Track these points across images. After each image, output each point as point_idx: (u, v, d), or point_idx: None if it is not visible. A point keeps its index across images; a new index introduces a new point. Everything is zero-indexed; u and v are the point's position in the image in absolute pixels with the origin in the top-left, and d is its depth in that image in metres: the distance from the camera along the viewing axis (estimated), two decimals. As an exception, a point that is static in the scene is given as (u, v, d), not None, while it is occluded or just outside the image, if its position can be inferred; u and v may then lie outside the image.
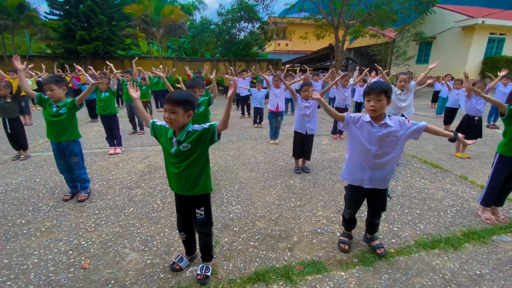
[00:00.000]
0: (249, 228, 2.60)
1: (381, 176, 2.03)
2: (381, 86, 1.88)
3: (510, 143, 2.53)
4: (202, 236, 2.01)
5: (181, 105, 1.67)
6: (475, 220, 2.73)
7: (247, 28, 15.83)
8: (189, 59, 18.55)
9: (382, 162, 1.99)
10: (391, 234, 2.52)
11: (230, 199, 3.17)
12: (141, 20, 14.54)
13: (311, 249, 2.31)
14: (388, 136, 1.94)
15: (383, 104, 1.90)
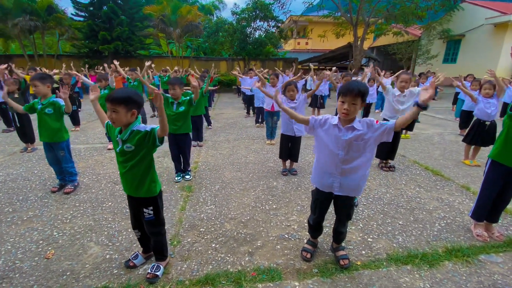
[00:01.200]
0: (216, 230, 2.55)
1: (352, 183, 1.87)
2: (358, 88, 1.71)
3: (506, 147, 2.22)
4: (152, 235, 1.98)
5: (122, 103, 1.65)
6: (464, 236, 2.47)
7: (262, 27, 15.73)
8: (206, 59, 18.83)
9: (351, 168, 1.84)
10: (363, 244, 2.34)
11: (207, 198, 3.13)
12: (159, 20, 14.99)
13: (272, 255, 2.21)
14: (355, 140, 1.79)
15: (357, 108, 1.75)
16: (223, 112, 9.44)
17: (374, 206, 2.98)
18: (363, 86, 1.72)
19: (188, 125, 3.45)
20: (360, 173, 1.85)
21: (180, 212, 2.85)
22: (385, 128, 1.76)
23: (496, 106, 4.00)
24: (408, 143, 5.44)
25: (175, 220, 2.70)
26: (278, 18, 15.69)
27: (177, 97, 3.33)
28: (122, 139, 1.74)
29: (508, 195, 2.35)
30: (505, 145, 2.23)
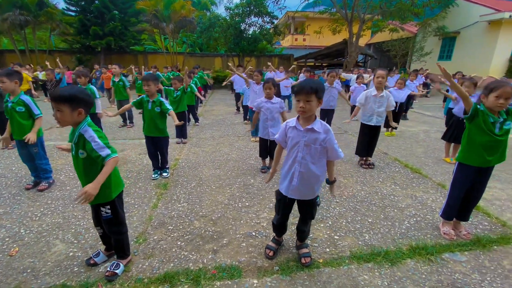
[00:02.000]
0: (184, 227, 2.54)
1: (306, 187, 1.88)
2: (311, 86, 1.70)
3: (469, 149, 2.23)
4: (111, 234, 1.97)
5: (66, 102, 1.62)
6: (432, 234, 2.47)
7: (257, 22, 15.60)
8: (201, 55, 18.71)
9: (309, 172, 1.83)
10: (329, 242, 2.34)
11: (181, 196, 3.12)
12: (152, 15, 14.84)
13: (236, 253, 2.21)
14: (313, 143, 1.78)
15: (313, 105, 1.73)
16: (214, 108, 9.39)
17: (347, 203, 2.98)
18: (315, 84, 1.70)
19: (164, 129, 3.42)
20: (316, 179, 1.85)
21: (151, 210, 2.83)
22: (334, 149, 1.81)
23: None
24: (393, 141, 5.44)
25: (145, 218, 2.69)
26: (273, 14, 15.56)
27: (152, 93, 3.30)
28: (74, 142, 1.72)
29: (477, 194, 2.36)
30: (468, 146, 2.24)
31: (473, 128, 2.18)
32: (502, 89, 2.01)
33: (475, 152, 2.18)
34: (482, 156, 2.16)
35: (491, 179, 3.61)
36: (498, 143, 2.11)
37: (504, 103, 2.04)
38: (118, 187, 1.91)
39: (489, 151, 2.14)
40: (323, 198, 3.09)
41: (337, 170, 3.91)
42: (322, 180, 1.90)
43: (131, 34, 14.85)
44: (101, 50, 14.71)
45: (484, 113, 2.10)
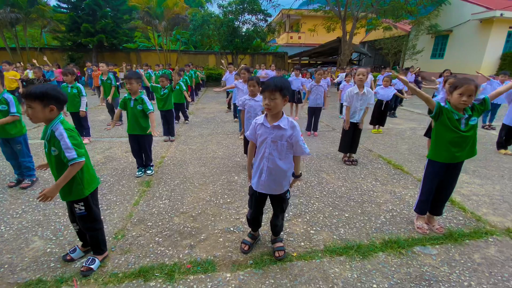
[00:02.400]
0: (163, 224, 2.57)
1: (275, 182, 1.92)
2: (275, 84, 1.74)
3: (437, 146, 2.29)
4: (86, 230, 1.99)
5: (37, 99, 1.64)
6: (406, 228, 2.54)
7: (251, 20, 15.57)
8: (194, 52, 18.64)
9: (276, 167, 1.88)
10: (304, 236, 2.39)
11: (163, 193, 3.15)
12: (145, 13, 14.73)
13: (213, 248, 2.25)
14: (280, 139, 1.83)
15: (278, 102, 1.77)
16: (205, 106, 9.40)
17: (326, 199, 3.03)
18: (280, 81, 1.74)
19: (147, 127, 3.43)
20: (283, 174, 1.90)
21: (132, 207, 2.86)
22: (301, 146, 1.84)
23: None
24: (379, 138, 5.51)
25: (125, 215, 2.72)
26: (267, 12, 15.53)
27: (134, 91, 3.31)
28: (46, 140, 1.74)
29: (448, 189, 2.42)
30: (436, 144, 2.30)
31: (439, 126, 2.23)
32: (465, 86, 2.07)
33: (443, 149, 2.24)
34: (450, 152, 2.22)
35: (472, 175, 3.73)
36: (465, 139, 2.17)
37: (467, 100, 2.09)
38: (91, 184, 1.93)
39: (456, 147, 2.20)
40: (303, 194, 3.14)
41: (321, 166, 3.97)
42: (289, 175, 1.94)
43: (123, 32, 14.74)
44: (93, 47, 14.57)
45: (449, 111, 2.16)
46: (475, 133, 2.21)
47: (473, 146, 2.26)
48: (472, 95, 2.09)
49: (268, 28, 16.27)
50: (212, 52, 18.48)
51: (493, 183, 3.51)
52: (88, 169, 1.92)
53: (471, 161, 4.26)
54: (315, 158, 4.32)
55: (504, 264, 2.10)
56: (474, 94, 2.09)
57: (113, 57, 16.36)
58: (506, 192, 3.28)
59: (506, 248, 2.28)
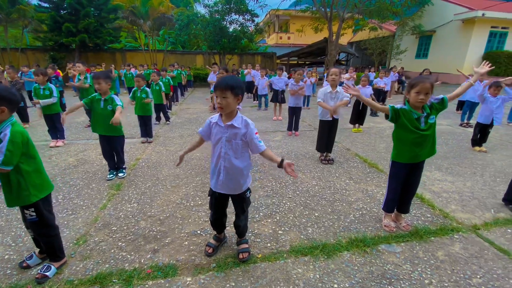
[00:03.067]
0: (129, 228, 2.50)
1: (232, 182, 1.90)
2: (226, 82, 1.71)
3: (399, 147, 2.32)
4: (39, 237, 1.91)
5: None
6: (373, 227, 2.54)
7: (238, 20, 15.52)
8: (181, 52, 18.44)
9: (232, 167, 1.85)
10: (272, 237, 2.37)
11: (133, 197, 3.07)
12: (129, 12, 14.48)
13: (177, 252, 2.20)
14: (234, 138, 1.80)
15: (230, 101, 1.74)
16: (189, 107, 9.29)
17: (298, 198, 3.02)
18: (232, 80, 1.72)
19: (119, 127, 3.35)
20: (240, 173, 1.88)
21: (99, 211, 2.77)
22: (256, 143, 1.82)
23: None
24: (359, 137, 5.55)
25: (90, 220, 2.63)
26: (254, 12, 15.52)
27: (103, 91, 3.22)
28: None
29: (412, 187, 2.43)
30: (397, 145, 2.33)
31: (399, 128, 2.26)
32: (421, 85, 2.09)
33: (405, 150, 2.26)
34: (412, 152, 2.24)
35: (444, 172, 3.79)
36: (425, 137, 2.19)
37: (424, 98, 2.11)
38: (42, 190, 1.84)
39: (418, 147, 2.21)
40: (277, 194, 3.12)
41: (297, 166, 3.96)
42: (246, 173, 1.92)
43: (106, 31, 14.42)
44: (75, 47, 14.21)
45: (407, 111, 2.18)
46: (434, 131, 2.24)
47: (433, 144, 2.28)
48: (429, 93, 2.11)
49: (255, 28, 16.24)
50: (200, 52, 18.34)
51: (464, 180, 3.58)
52: (39, 175, 1.83)
53: (446, 159, 4.34)
54: (293, 157, 4.31)
55: (467, 262, 2.12)
56: (430, 92, 2.11)
57: (98, 57, 16.02)
58: (477, 189, 3.34)
59: (471, 245, 2.31)
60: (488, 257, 2.17)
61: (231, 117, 1.81)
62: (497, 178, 3.64)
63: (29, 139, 1.76)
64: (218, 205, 2.05)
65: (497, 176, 3.72)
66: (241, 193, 1.96)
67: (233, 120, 1.79)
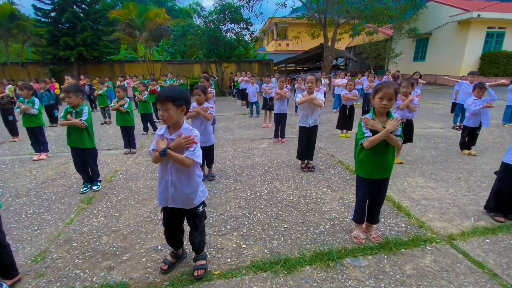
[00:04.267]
0: (89, 244, 2.44)
1: (182, 194, 1.83)
2: (166, 94, 1.68)
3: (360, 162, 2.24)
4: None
5: None
6: (342, 238, 2.44)
7: (233, 29, 15.69)
8: (179, 62, 18.64)
9: (179, 179, 1.79)
10: (234, 252, 2.28)
11: (101, 210, 3.01)
12: (126, 24, 14.76)
13: (133, 269, 2.12)
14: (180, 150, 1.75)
15: (171, 113, 1.71)
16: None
17: (270, 209, 2.93)
18: (172, 91, 1.68)
19: (90, 140, 3.33)
20: (190, 184, 1.82)
21: (64, 226, 2.72)
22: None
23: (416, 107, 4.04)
24: (345, 143, 5.45)
25: (54, 235, 2.58)
26: (249, 21, 15.68)
27: (74, 104, 3.22)
28: None
29: (378, 196, 2.33)
30: (356, 160, 2.25)
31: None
32: (384, 90, 2.02)
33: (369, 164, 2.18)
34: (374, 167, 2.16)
35: (428, 178, 3.68)
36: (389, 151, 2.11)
37: (388, 104, 2.04)
38: None
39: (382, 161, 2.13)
40: (249, 205, 3.03)
41: (277, 174, 3.88)
42: (195, 186, 1.86)
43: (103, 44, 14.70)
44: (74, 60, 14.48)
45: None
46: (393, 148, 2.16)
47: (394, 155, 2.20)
48: (393, 99, 2.04)
49: (250, 36, 16.39)
50: (197, 61, 18.51)
51: (447, 186, 3.45)
52: None
53: (431, 164, 4.22)
54: (274, 166, 4.23)
55: (436, 276, 2.00)
56: (394, 97, 2.04)
57: (97, 70, 16.30)
58: (459, 195, 3.21)
59: (443, 257, 2.18)
60: (460, 270, 2.04)
61: (177, 128, 1.77)
62: (483, 183, 3.50)
63: None
64: (171, 221, 1.97)
65: (483, 181, 3.58)
66: (193, 208, 1.89)
67: (178, 132, 1.74)
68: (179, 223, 2.01)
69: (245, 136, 6.23)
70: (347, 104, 5.64)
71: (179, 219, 1.99)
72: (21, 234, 2.61)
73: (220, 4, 14.31)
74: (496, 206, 2.70)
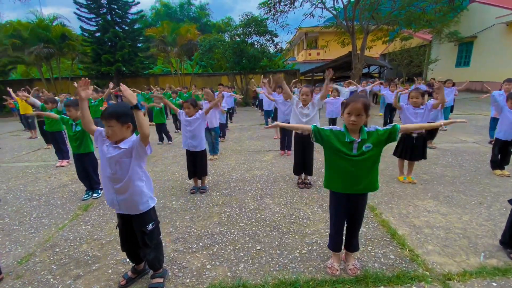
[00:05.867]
0: (69, 251, 2.55)
1: (127, 200, 1.85)
2: (110, 111, 1.75)
3: (328, 173, 2.03)
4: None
5: None
6: (316, 267, 2.21)
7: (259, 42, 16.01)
8: (208, 74, 19.47)
9: (122, 187, 1.81)
10: (196, 272, 2.19)
11: (92, 218, 3.16)
12: (159, 41, 15.93)
13: (97, 280, 2.16)
14: (121, 157, 1.77)
15: (116, 130, 1.75)
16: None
17: (249, 228, 2.80)
18: (117, 108, 1.71)
19: (88, 145, 3.58)
20: (131, 191, 1.83)
21: (56, 231, 2.91)
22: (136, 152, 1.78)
23: (424, 116, 3.63)
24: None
25: (43, 240, 2.76)
26: (274, 32, 15.88)
27: (73, 118, 3.53)
28: None
29: (354, 221, 2.08)
30: (326, 171, 2.04)
31: (327, 150, 1.98)
32: (351, 105, 1.82)
33: (335, 177, 1.96)
34: (344, 181, 1.93)
35: (441, 201, 3.24)
36: (357, 165, 1.87)
37: (356, 120, 1.83)
38: None
39: (350, 175, 1.90)
40: (230, 222, 2.94)
41: (270, 189, 3.73)
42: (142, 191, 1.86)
43: (139, 60, 16.03)
44: (114, 75, 15.99)
45: (341, 133, 1.90)
46: (372, 162, 1.90)
47: (372, 177, 1.93)
48: (361, 114, 1.83)
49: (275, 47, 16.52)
50: (225, 74, 19.15)
51: (462, 212, 2.97)
52: None
53: (451, 184, 3.70)
54: (271, 180, 4.09)
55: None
56: (362, 113, 1.82)
57: (134, 82, 17.72)
58: (474, 225, 2.74)
59: (430, 302, 1.85)
60: (448, 319, 1.71)
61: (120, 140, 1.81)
62: (508, 211, 2.94)
63: None
64: (124, 232, 1.99)
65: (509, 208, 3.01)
66: (142, 222, 1.89)
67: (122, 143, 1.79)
68: (133, 235, 2.00)
69: (252, 147, 6.17)
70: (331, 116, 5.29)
71: (131, 230, 1.98)
72: (19, 236, 2.85)
73: (246, 18, 14.74)
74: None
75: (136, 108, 1.63)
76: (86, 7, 15.47)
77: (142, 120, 1.66)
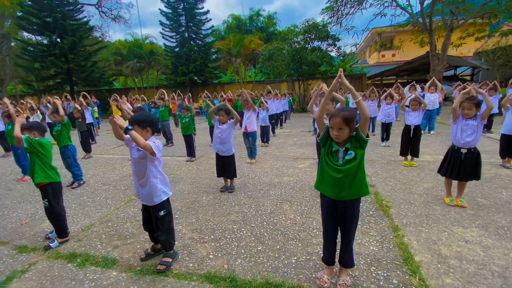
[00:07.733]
0: (118, 226, 3.23)
1: (146, 194, 2.29)
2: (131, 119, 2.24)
3: (321, 177, 2.02)
4: (50, 220, 2.88)
5: None
6: (307, 276, 2.22)
7: (320, 47, 15.78)
8: (268, 81, 20.17)
9: (143, 182, 2.26)
10: (199, 259, 2.50)
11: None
12: (226, 53, 17.47)
13: (128, 251, 2.70)
14: (140, 158, 2.23)
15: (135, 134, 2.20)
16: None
17: (259, 229, 2.96)
18: (135, 116, 2.16)
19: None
20: (149, 187, 2.26)
21: (114, 210, 3.68)
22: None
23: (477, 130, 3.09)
24: (404, 171, 4.55)
25: (103, 215, 3.55)
26: (336, 36, 15.38)
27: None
28: None
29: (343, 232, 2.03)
30: (320, 175, 2.03)
31: (323, 155, 1.99)
32: (332, 119, 1.83)
33: (324, 180, 1.97)
34: (331, 187, 1.92)
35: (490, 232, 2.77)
36: (342, 174, 1.84)
37: (338, 134, 1.82)
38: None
39: (335, 183, 1.88)
40: (243, 221, 3.16)
41: (292, 196, 3.78)
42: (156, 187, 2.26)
43: (208, 70, 17.93)
44: (187, 84, 18.32)
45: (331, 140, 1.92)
46: (356, 171, 1.84)
47: (357, 185, 1.87)
48: (343, 128, 1.81)
49: (337, 51, 15.94)
50: (284, 80, 19.49)
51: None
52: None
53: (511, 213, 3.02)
54: (297, 188, 4.12)
55: None
56: (344, 127, 1.81)
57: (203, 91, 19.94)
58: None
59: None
60: None
61: None
62: None
63: None
64: (144, 218, 2.46)
65: None
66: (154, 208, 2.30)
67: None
68: (152, 220, 2.45)
69: (292, 154, 6.22)
70: (410, 124, 4.77)
71: (149, 216, 2.43)
72: (88, 211, 3.74)
73: (305, 25, 14.77)
74: None
75: (127, 130, 2.07)
76: (169, 27, 18.31)
77: (135, 137, 2.05)
